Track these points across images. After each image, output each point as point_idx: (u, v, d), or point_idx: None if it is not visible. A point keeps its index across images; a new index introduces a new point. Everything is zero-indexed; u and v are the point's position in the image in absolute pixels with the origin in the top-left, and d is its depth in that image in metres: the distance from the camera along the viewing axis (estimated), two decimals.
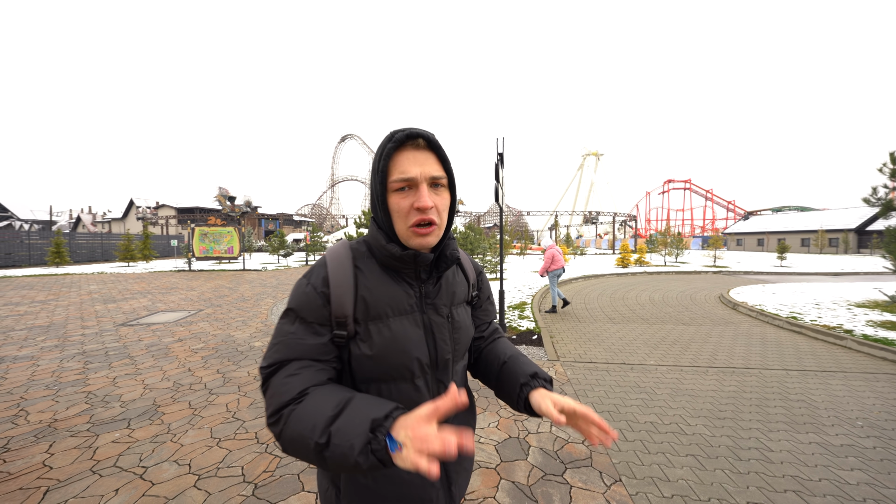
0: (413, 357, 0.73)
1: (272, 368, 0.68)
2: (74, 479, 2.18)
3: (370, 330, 0.71)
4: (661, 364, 4.22)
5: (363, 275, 0.74)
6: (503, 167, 5.52)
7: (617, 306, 7.85)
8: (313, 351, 0.69)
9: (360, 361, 0.71)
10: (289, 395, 0.64)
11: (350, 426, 0.57)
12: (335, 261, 0.75)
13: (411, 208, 0.70)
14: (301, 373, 0.67)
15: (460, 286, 0.86)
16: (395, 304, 0.74)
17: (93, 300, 8.69)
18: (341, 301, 0.71)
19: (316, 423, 0.59)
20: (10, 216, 51.09)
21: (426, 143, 0.72)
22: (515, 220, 70.36)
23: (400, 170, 0.70)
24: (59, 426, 2.81)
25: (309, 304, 0.71)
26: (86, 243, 24.25)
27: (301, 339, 0.69)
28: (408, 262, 0.74)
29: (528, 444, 2.56)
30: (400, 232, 0.73)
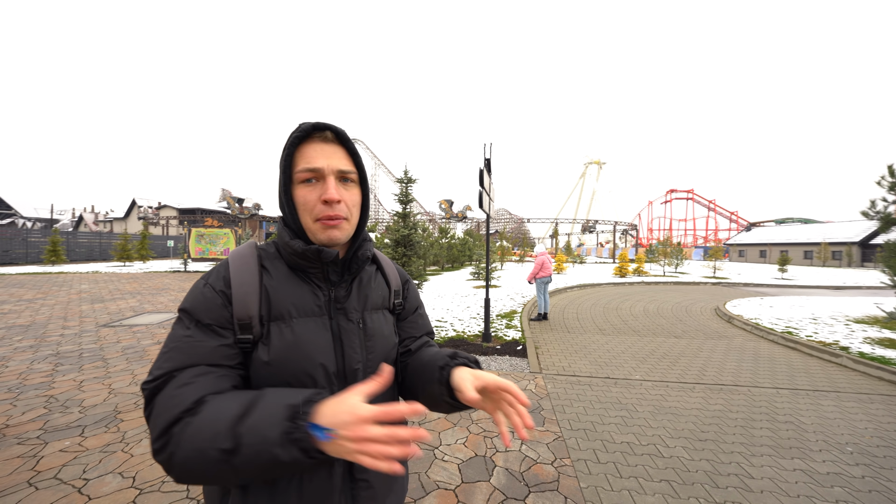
0: (317, 363, 0.66)
1: (159, 381, 0.57)
2: (8, 493, 2.06)
3: (272, 332, 0.65)
4: (647, 379, 4.07)
5: (268, 274, 0.69)
6: (490, 174, 5.44)
7: (609, 317, 7.70)
8: (214, 354, 0.61)
9: (258, 366, 0.63)
10: (179, 407, 0.53)
11: (262, 420, 0.50)
12: (238, 260, 0.70)
13: (318, 201, 0.66)
14: (196, 381, 0.57)
15: (377, 290, 0.80)
16: (299, 304, 0.68)
17: (80, 300, 8.63)
18: (244, 301, 0.65)
19: (218, 430, 0.50)
20: (13, 214, 51.54)
21: (334, 137, 0.69)
22: (517, 227, 70.29)
23: (305, 160, 0.66)
24: (8, 433, 2.70)
25: (206, 305, 0.64)
26: (86, 242, 24.33)
27: (199, 341, 0.61)
28: (312, 258, 0.69)
29: (493, 463, 2.43)
30: (306, 226, 0.68)
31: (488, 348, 5.14)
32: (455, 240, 26.23)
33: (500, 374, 4.15)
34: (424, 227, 22.78)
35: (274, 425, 0.49)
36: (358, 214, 0.73)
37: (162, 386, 0.57)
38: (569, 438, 2.76)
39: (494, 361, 4.59)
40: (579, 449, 2.62)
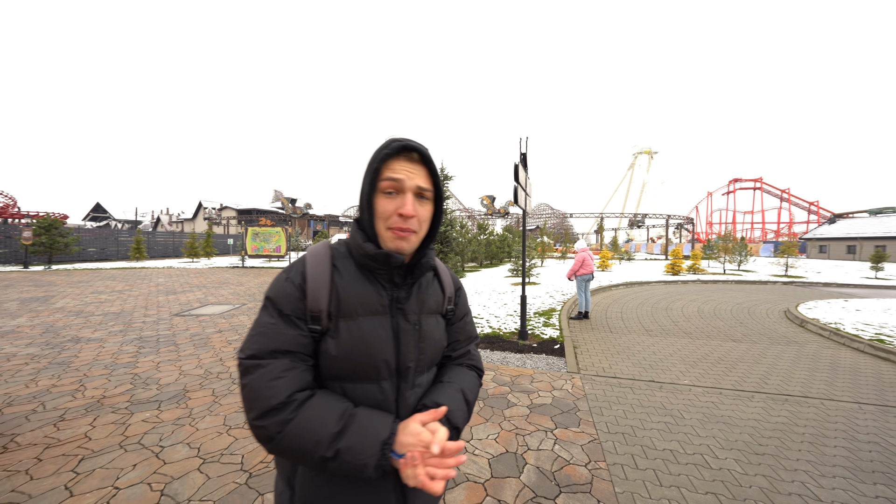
0: (380, 359, 0.75)
1: (253, 361, 0.69)
2: (105, 452, 2.44)
3: (340, 327, 0.73)
4: (697, 385, 3.77)
5: (338, 273, 0.77)
6: (526, 169, 5.32)
7: (657, 317, 7.20)
8: (292, 342, 0.71)
9: (328, 358, 0.73)
10: (276, 398, 0.66)
11: (360, 446, 0.66)
12: (314, 258, 0.78)
13: (394, 213, 0.74)
14: (286, 376, 0.69)
15: (433, 296, 0.87)
16: (365, 304, 0.76)
17: (158, 291, 9.83)
18: (316, 295, 0.73)
19: (320, 439, 0.65)
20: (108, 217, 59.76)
21: (419, 157, 0.76)
22: (559, 222, 67.91)
23: (390, 172, 0.74)
24: (105, 402, 3.18)
25: (286, 296, 0.73)
26: (162, 241, 27.59)
27: (281, 330, 0.71)
28: (381, 261, 0.76)
29: (524, 460, 2.41)
30: (379, 232, 0.76)
31: (524, 346, 5.06)
32: (494, 236, 25.98)
33: (535, 372, 4.08)
34: (462, 224, 22.85)
35: (372, 455, 0.66)
36: (427, 228, 0.81)
37: (254, 367, 0.69)
38: (605, 441, 2.65)
39: (530, 360, 4.51)
40: (616, 453, 2.51)
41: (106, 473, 2.21)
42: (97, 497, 2.00)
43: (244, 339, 0.72)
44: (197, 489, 2.08)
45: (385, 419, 0.71)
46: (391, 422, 0.71)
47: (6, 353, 4.50)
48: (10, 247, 18.00)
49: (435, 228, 0.83)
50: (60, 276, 13.43)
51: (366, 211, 0.77)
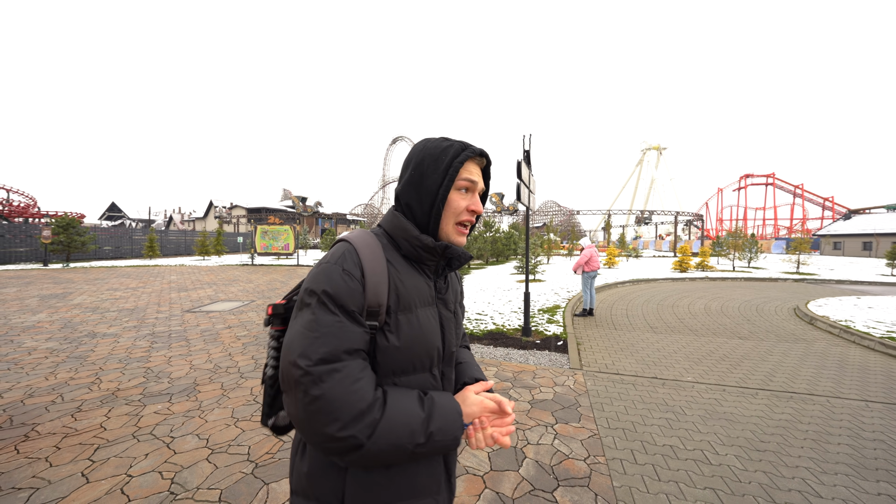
0: (434, 346, 0.77)
1: (324, 368, 0.63)
2: (119, 441, 2.54)
3: (399, 321, 0.73)
4: (700, 381, 3.76)
5: (392, 265, 0.76)
6: (529, 166, 5.32)
7: (663, 314, 7.15)
8: (361, 340, 0.68)
9: (388, 353, 0.71)
10: (364, 401, 0.64)
11: (449, 423, 0.70)
12: (367, 248, 0.74)
13: (465, 209, 0.78)
14: (365, 376, 0.66)
15: (458, 287, 0.93)
16: (420, 295, 0.77)
17: (170, 288, 10.06)
18: (377, 290, 0.71)
19: (414, 429, 0.66)
20: (122, 216, 61.09)
21: (485, 163, 0.83)
22: (566, 219, 67.36)
23: (468, 173, 0.78)
24: (119, 395, 3.30)
25: (349, 290, 0.68)
26: (174, 239, 28.12)
27: (348, 327, 0.67)
28: (437, 253, 0.78)
29: (524, 454, 2.44)
30: (445, 226, 0.78)
31: (527, 342, 5.08)
32: (500, 234, 25.92)
33: (537, 368, 4.11)
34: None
35: (457, 428, 0.71)
36: None
37: (326, 375, 0.62)
38: (605, 437, 2.67)
39: (533, 356, 4.54)
40: (615, 448, 2.53)
41: (120, 462, 2.30)
42: (111, 484, 2.10)
43: (299, 344, 0.64)
44: (205, 478, 2.16)
45: (449, 395, 0.75)
46: (452, 396, 0.76)
47: (28, 346, 4.68)
48: (31, 245, 18.56)
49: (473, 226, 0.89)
50: (78, 273, 13.82)
51: (438, 204, 0.76)
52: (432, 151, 0.78)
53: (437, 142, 0.80)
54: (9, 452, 2.40)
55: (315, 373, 0.62)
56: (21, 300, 7.95)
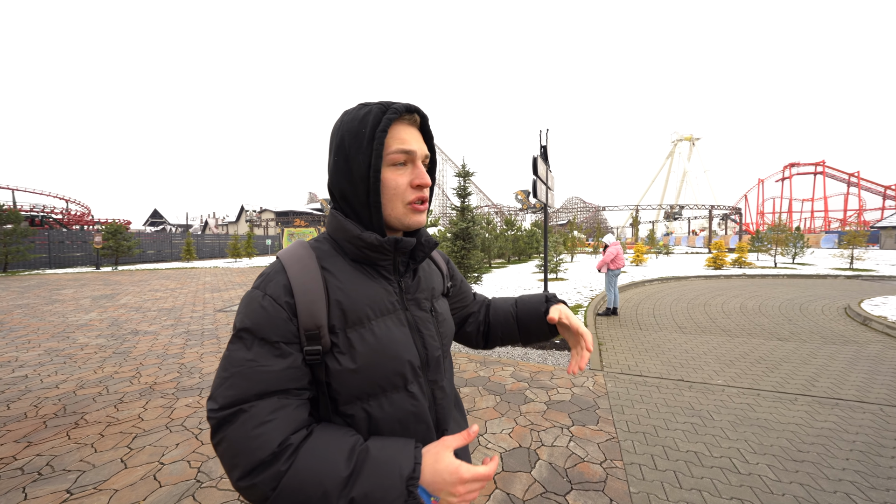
0: (404, 360, 0.64)
1: (229, 412, 0.54)
2: (154, 431, 2.73)
3: (350, 339, 0.61)
4: (732, 385, 3.54)
5: (332, 276, 0.64)
6: (547, 161, 5.21)
7: (694, 314, 6.78)
8: (283, 379, 0.56)
9: (343, 378, 0.60)
10: (265, 449, 0.52)
11: (380, 489, 0.52)
12: (296, 263, 0.63)
13: (408, 186, 0.64)
14: (274, 418, 0.54)
15: (436, 278, 0.80)
16: (375, 304, 0.64)
17: (204, 289, 10.67)
18: (311, 310, 0.59)
19: (327, 490, 0.51)
20: (164, 221, 65.45)
21: (420, 121, 0.67)
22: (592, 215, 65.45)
23: (398, 142, 0.62)
24: (156, 388, 3.54)
25: (270, 320, 0.57)
26: (209, 243, 29.80)
27: (264, 365, 0.56)
28: (387, 250, 0.65)
29: (537, 456, 2.40)
30: (395, 212, 0.65)
31: (546, 343, 4.98)
32: (521, 232, 25.55)
33: (556, 368, 4.02)
34: (489, 220, 22.65)
35: (392, 498, 0.52)
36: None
37: (232, 418, 0.54)
38: (624, 440, 2.57)
39: (552, 356, 4.44)
40: (635, 452, 2.43)
41: (153, 450, 2.48)
42: (146, 470, 2.26)
43: (213, 387, 0.56)
44: None
45: (404, 447, 0.57)
46: (412, 449, 0.57)
47: (81, 342, 5.12)
48: (86, 250, 20.31)
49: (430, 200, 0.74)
50: (125, 275, 14.95)
51: (371, 191, 0.62)
52: (350, 125, 0.63)
53: (355, 111, 0.64)
54: (62, 438, 2.64)
55: (218, 417, 0.54)
56: (76, 300, 8.70)
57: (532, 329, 0.87)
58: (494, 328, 0.92)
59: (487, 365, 4.17)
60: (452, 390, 0.79)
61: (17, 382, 3.68)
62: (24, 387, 3.57)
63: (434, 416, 0.69)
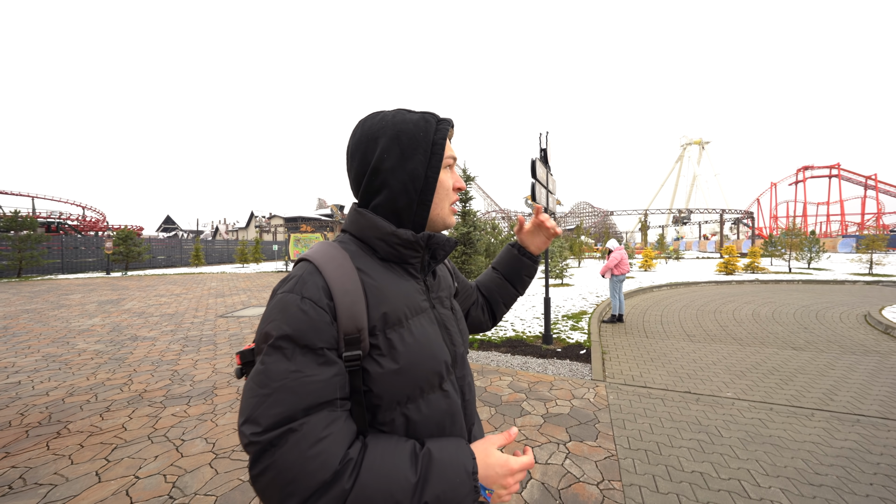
0: (440, 359, 0.65)
1: (276, 433, 0.49)
2: (135, 442, 2.66)
3: (391, 340, 0.59)
4: (743, 398, 3.33)
5: (367, 276, 0.62)
6: (547, 165, 5.09)
7: (703, 321, 6.53)
8: (330, 389, 0.53)
9: (386, 381, 0.58)
10: (327, 468, 0.49)
11: (452, 490, 0.53)
12: (331, 263, 0.60)
13: (452, 188, 0.71)
14: (330, 433, 0.51)
15: (448, 278, 0.83)
16: (410, 303, 0.64)
17: (209, 294, 10.72)
18: (352, 312, 0.56)
19: (399, 500, 0.50)
20: (176, 227, 66.77)
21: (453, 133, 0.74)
22: (600, 220, 64.84)
23: (449, 150, 0.70)
24: (145, 396, 3.48)
25: (312, 325, 0.53)
26: (219, 248, 30.19)
27: (310, 375, 0.52)
28: (421, 246, 0.66)
29: (529, 474, 2.25)
30: (442, 212, 0.70)
31: (547, 351, 4.82)
32: None
33: (556, 378, 3.86)
34: (494, 225, 22.53)
35: (464, 495, 0.53)
36: None
37: (280, 440, 0.49)
38: (624, 458, 2.41)
39: (552, 365, 4.28)
40: (635, 472, 2.26)
41: (131, 463, 2.39)
42: (119, 485, 2.17)
43: (247, 405, 0.50)
44: (204, 483, 2.18)
45: (459, 445, 0.58)
46: (467, 447, 0.59)
47: (79, 348, 5.12)
48: (98, 256, 20.71)
49: None
50: (133, 281, 15.17)
51: (425, 190, 0.65)
52: (405, 127, 0.64)
53: (402, 114, 0.66)
54: (41, 448, 2.57)
55: (263, 441, 0.48)
56: (82, 305, 8.80)
57: (520, 271, 0.96)
58: (493, 300, 0.98)
59: (485, 374, 4.03)
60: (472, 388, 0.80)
61: (9, 389, 3.66)
62: (14, 394, 3.54)
63: (464, 413, 0.70)
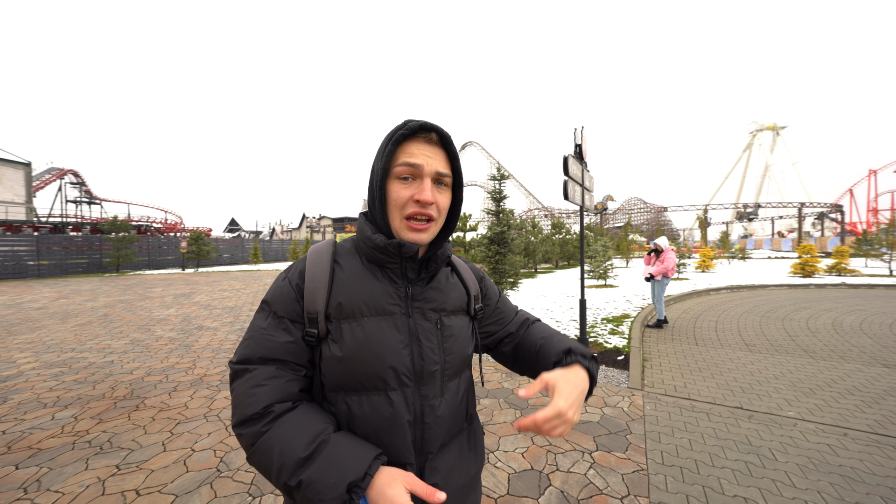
0: (387, 365, 0.66)
1: (240, 367, 0.66)
2: (193, 419, 3.02)
3: (342, 329, 0.66)
4: (809, 419, 2.94)
5: (341, 269, 0.71)
6: (583, 161, 4.86)
7: (768, 329, 5.83)
8: (282, 350, 0.66)
9: (330, 365, 0.66)
10: (253, 407, 0.61)
11: (324, 481, 0.54)
12: (314, 255, 0.73)
13: (410, 200, 0.66)
14: (268, 383, 0.63)
15: (454, 292, 0.78)
16: (371, 303, 0.68)
17: (264, 290, 11.72)
18: (313, 296, 0.67)
19: (285, 463, 0.56)
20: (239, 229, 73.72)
21: (438, 139, 0.69)
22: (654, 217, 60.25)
23: (406, 155, 0.66)
24: (205, 380, 3.93)
25: (282, 298, 0.69)
26: (275, 247, 32.87)
27: (271, 335, 0.66)
28: (392, 253, 0.69)
29: (549, 481, 2.19)
30: (393, 223, 0.68)
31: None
32: (571, 235, 24.31)
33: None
34: (534, 223, 21.90)
35: (330, 497, 0.54)
36: (445, 218, 0.73)
37: (241, 373, 0.65)
38: (655, 474, 2.25)
39: None
40: (666, 490, 2.11)
41: (189, 437, 2.73)
42: (179, 455, 2.49)
43: (239, 344, 0.69)
44: (244, 461, 2.41)
45: (363, 454, 0.58)
46: (371, 459, 0.58)
47: (157, 335, 5.90)
48: (176, 254, 23.64)
49: (454, 219, 0.75)
50: (202, 276, 17.05)
51: (377, 199, 0.68)
52: (385, 136, 0.69)
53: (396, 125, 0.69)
54: (123, 418, 3.03)
55: (232, 369, 0.66)
56: (162, 298, 10.09)
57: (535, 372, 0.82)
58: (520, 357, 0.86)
59: (513, 377, 3.97)
60: (454, 417, 0.74)
61: (105, 367, 4.34)
62: (108, 371, 4.19)
63: (418, 434, 0.68)
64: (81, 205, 41.57)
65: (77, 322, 6.89)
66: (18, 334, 5.96)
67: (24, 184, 28.87)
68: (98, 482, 2.20)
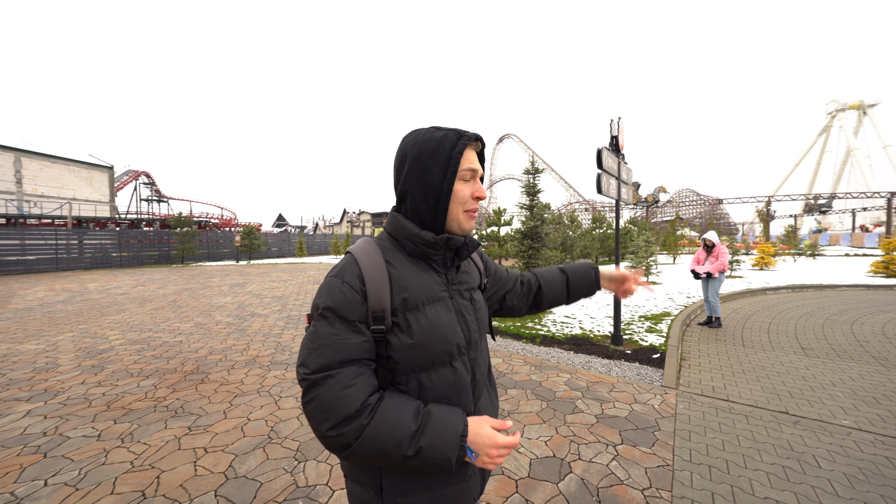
0: (452, 342, 0.79)
1: (320, 375, 0.69)
2: (248, 394, 3.42)
3: (409, 320, 0.75)
4: (866, 429, 2.70)
5: (394, 268, 0.78)
6: (619, 154, 4.70)
7: (832, 333, 5.29)
8: (358, 350, 0.71)
9: (402, 352, 0.74)
10: (351, 406, 0.67)
11: (441, 441, 0.69)
12: (366, 256, 0.78)
13: (469, 197, 0.81)
14: (357, 382, 0.70)
15: (474, 273, 0.95)
16: (428, 293, 0.79)
17: (308, 281, 12.54)
18: (378, 296, 0.73)
19: (401, 440, 0.67)
20: (286, 224, 78.62)
21: (480, 147, 0.86)
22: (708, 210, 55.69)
23: (467, 161, 0.79)
24: (257, 360, 4.38)
25: (349, 303, 0.72)
26: (318, 241, 34.74)
27: (345, 339, 0.71)
28: (440, 247, 0.79)
29: (570, 468, 2.26)
30: (455, 216, 0.80)
31: (615, 352, 4.52)
32: (612, 229, 23.20)
33: (618, 381, 3.64)
34: (573, 217, 21.14)
35: (451, 448, 0.69)
36: None
37: (321, 381, 0.68)
38: (681, 471, 2.23)
39: (618, 367, 4.03)
40: (690, 486, 2.09)
41: (245, 408, 3.11)
42: (237, 422, 2.86)
43: (302, 353, 0.72)
44: (292, 431, 2.73)
45: (455, 413, 0.74)
46: (461, 415, 0.74)
47: (217, 320, 6.61)
48: (230, 247, 25.85)
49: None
50: (254, 268, 18.53)
51: (440, 197, 0.77)
52: (427, 144, 0.77)
53: (430, 132, 0.79)
54: (191, 390, 3.50)
55: (311, 379, 0.69)
56: (220, 287, 11.17)
57: (582, 291, 1.15)
58: (547, 294, 1.13)
59: (543, 369, 4.01)
60: (486, 368, 0.94)
61: (176, 346, 4.98)
62: (178, 349, 4.81)
63: (473, 388, 0.84)
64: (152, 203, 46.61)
65: (152, 306, 7.89)
66: (108, 315, 6.97)
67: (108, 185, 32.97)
68: (175, 439, 2.61)
